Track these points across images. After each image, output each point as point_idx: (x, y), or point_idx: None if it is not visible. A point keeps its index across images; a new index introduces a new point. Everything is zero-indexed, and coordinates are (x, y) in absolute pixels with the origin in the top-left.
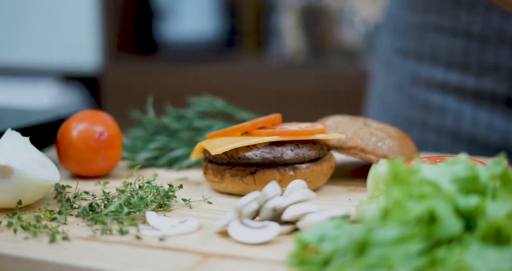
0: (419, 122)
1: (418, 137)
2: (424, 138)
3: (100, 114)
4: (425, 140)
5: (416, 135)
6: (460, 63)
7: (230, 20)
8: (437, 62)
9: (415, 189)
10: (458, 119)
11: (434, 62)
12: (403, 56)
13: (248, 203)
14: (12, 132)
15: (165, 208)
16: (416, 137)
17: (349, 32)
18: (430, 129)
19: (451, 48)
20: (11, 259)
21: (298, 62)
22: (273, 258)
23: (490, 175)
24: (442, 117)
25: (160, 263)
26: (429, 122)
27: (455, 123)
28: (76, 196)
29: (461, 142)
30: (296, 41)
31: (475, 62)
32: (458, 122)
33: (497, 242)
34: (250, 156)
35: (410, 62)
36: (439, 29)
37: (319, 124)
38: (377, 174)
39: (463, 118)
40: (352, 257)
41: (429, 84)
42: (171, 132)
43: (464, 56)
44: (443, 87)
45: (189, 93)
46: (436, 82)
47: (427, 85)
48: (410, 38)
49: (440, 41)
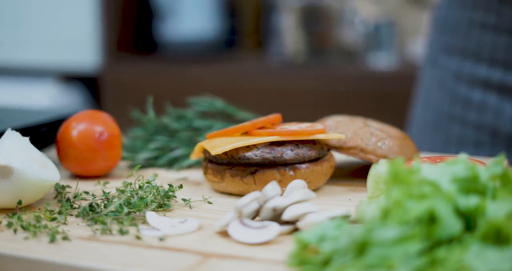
0: (459, 119)
1: (458, 133)
2: (464, 135)
3: (100, 114)
4: (465, 137)
5: (455, 131)
6: (503, 61)
7: (230, 20)
8: (480, 59)
9: (415, 189)
10: (498, 117)
11: (478, 59)
12: (448, 52)
13: (248, 203)
14: (12, 132)
15: (165, 208)
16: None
17: (349, 32)
18: (469, 126)
19: (495, 45)
20: (11, 259)
21: (298, 62)
22: (273, 258)
23: (490, 175)
24: (482, 114)
25: (160, 263)
26: (469, 119)
27: (495, 120)
28: (76, 196)
29: (500, 139)
30: (296, 41)
31: None
32: (497, 120)
33: (497, 242)
34: (250, 156)
35: (455, 58)
36: (484, 26)
37: (319, 124)
38: (377, 174)
39: (503, 116)
40: (352, 257)
41: (471, 81)
42: (171, 132)
43: (507, 54)
44: (485, 84)
45: (189, 93)
46: (478, 79)
47: (470, 82)
48: (457, 35)
49: (484, 38)
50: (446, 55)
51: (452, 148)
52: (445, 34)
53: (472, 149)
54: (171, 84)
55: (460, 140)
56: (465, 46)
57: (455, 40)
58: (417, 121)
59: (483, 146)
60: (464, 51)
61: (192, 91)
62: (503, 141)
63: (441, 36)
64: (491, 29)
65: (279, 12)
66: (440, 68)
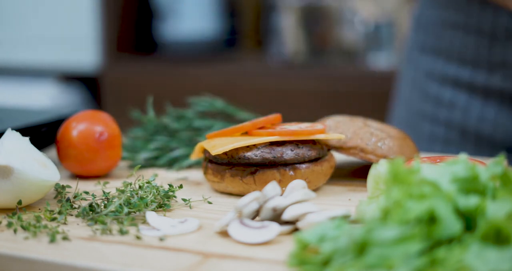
0: (430, 117)
1: (429, 131)
2: (434, 132)
3: (100, 114)
4: (435, 134)
5: (426, 129)
6: (471, 60)
7: (230, 20)
8: (451, 58)
9: (415, 189)
10: (466, 115)
11: (449, 58)
12: (422, 51)
13: (248, 203)
14: (12, 132)
15: (165, 208)
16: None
17: (349, 32)
18: (440, 124)
19: (464, 44)
20: (11, 259)
21: (298, 62)
22: (273, 258)
23: (490, 175)
24: (452, 112)
25: (160, 263)
26: (439, 117)
27: (463, 118)
28: (76, 196)
29: (468, 137)
30: (296, 41)
31: (485, 59)
32: (466, 118)
33: (497, 242)
34: (250, 156)
35: (428, 57)
36: (455, 26)
37: (319, 124)
38: (377, 174)
39: (470, 114)
40: (352, 257)
41: (442, 80)
42: (171, 133)
43: (475, 53)
44: (455, 83)
45: (189, 93)
46: (449, 78)
47: (441, 81)
48: (430, 34)
49: (455, 37)
50: (420, 54)
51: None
52: (420, 33)
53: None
54: (171, 84)
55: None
56: (437, 45)
57: (429, 39)
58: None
59: (452, 144)
60: (436, 50)
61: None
62: (471, 139)
63: (417, 35)
64: (460, 29)
65: (279, 12)
66: (413, 66)
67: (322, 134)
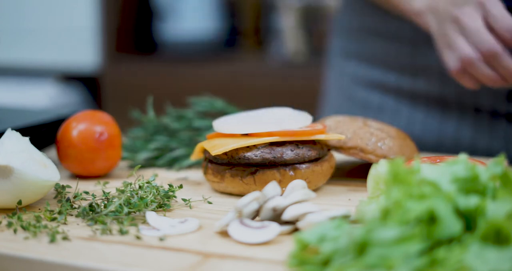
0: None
1: None
2: None
3: (100, 114)
4: None
5: None
6: (396, 65)
7: (230, 20)
8: (375, 63)
9: (415, 189)
10: (396, 119)
11: (372, 64)
12: (345, 57)
13: (248, 203)
14: (12, 132)
15: (165, 208)
16: None
17: None
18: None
19: (387, 50)
20: (11, 259)
21: (298, 62)
22: (273, 258)
23: (490, 175)
24: (380, 116)
25: (160, 263)
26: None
27: (392, 122)
28: (76, 196)
29: None
30: (296, 41)
31: (408, 64)
32: (395, 122)
33: (497, 242)
34: (250, 156)
35: (351, 62)
36: (376, 33)
37: (319, 124)
38: (377, 174)
39: (400, 117)
40: (352, 257)
41: (368, 85)
42: (171, 133)
43: (398, 59)
44: (381, 88)
45: (189, 93)
46: (375, 83)
47: (367, 86)
48: (353, 40)
49: (376, 44)
50: (344, 60)
51: None
52: (342, 39)
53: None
54: (171, 84)
55: None
56: (361, 51)
57: (351, 45)
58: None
59: None
60: (360, 55)
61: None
62: None
63: (340, 41)
64: (382, 36)
65: (279, 12)
66: (338, 72)
67: (322, 135)
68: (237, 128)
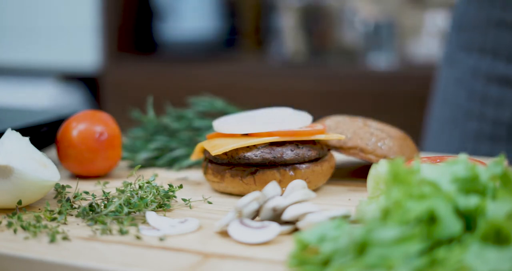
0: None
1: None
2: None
3: (100, 114)
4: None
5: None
6: None
7: (230, 20)
8: (498, 56)
9: (415, 189)
10: None
11: (496, 56)
12: (466, 50)
13: (248, 203)
14: (12, 132)
15: (165, 208)
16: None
17: (349, 32)
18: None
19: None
20: (11, 259)
21: (298, 62)
22: (273, 258)
23: (490, 175)
24: (499, 110)
25: (160, 263)
26: (487, 115)
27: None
28: (76, 196)
29: None
30: (296, 41)
31: None
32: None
33: (497, 242)
34: (250, 156)
35: (473, 56)
36: (501, 24)
37: (319, 124)
38: (377, 174)
39: None
40: (352, 257)
41: (489, 78)
42: (171, 132)
43: None
44: (502, 81)
45: (189, 93)
46: (496, 76)
47: (487, 79)
48: (475, 33)
49: (502, 35)
50: (464, 53)
51: (469, 143)
52: (463, 32)
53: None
54: (171, 84)
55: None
56: (483, 44)
57: (474, 37)
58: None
59: (500, 141)
60: (482, 48)
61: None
62: None
63: (460, 34)
64: (508, 27)
65: (279, 12)
66: (457, 65)
67: (322, 135)
68: (237, 128)
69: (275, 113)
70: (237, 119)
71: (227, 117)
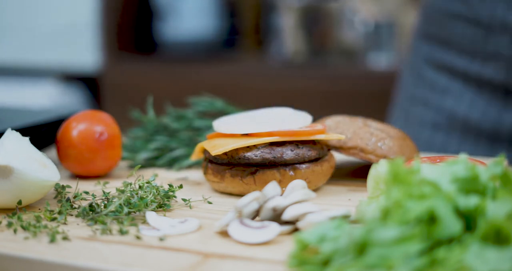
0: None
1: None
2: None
3: (100, 114)
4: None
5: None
6: (468, 50)
7: (230, 20)
8: (450, 47)
9: (415, 189)
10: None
11: (447, 47)
12: (424, 38)
13: (248, 203)
14: (12, 132)
15: (165, 208)
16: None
17: (349, 32)
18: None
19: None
20: (11, 259)
21: (298, 62)
22: (273, 258)
23: (490, 175)
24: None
25: (160, 263)
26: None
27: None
28: (76, 196)
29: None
30: (296, 41)
31: (480, 50)
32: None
33: (497, 242)
34: (250, 156)
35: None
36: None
37: (319, 124)
38: (377, 174)
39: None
40: (352, 257)
41: (438, 67)
42: (171, 132)
43: (472, 43)
44: (450, 71)
45: (189, 93)
46: (445, 65)
47: (437, 67)
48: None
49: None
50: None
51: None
52: (425, 21)
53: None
54: (171, 84)
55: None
56: (439, 34)
57: (432, 27)
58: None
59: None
60: (438, 38)
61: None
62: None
63: (422, 23)
64: (461, 19)
65: (279, 12)
66: (415, 52)
67: (322, 135)
68: (237, 128)
69: (275, 113)
70: (237, 119)
71: (227, 117)
